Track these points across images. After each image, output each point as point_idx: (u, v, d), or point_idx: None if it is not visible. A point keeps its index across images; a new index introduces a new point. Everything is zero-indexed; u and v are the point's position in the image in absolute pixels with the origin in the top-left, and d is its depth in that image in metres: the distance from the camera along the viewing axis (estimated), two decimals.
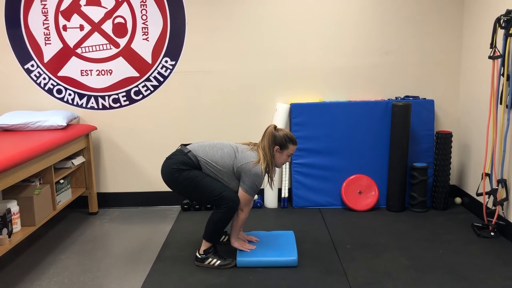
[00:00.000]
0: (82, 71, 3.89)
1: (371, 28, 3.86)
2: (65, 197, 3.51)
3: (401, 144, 3.70)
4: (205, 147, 2.82)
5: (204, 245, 2.83)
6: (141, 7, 3.80)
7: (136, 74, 3.91)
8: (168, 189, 4.01)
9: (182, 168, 2.72)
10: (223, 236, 3.19)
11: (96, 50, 3.86)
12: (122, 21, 3.82)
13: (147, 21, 3.82)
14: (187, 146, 2.85)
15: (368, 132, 3.85)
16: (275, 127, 2.84)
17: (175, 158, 2.77)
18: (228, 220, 2.78)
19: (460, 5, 3.81)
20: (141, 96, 3.94)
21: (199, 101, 3.95)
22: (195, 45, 3.87)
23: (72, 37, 3.84)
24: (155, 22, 3.82)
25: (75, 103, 3.95)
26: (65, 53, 3.86)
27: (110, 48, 3.86)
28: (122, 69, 3.89)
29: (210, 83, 3.93)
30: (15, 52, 3.85)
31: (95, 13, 3.80)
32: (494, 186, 3.19)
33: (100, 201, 4.01)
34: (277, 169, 3.10)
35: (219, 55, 3.90)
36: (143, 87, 3.93)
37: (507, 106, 3.08)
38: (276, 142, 2.79)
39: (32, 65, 3.88)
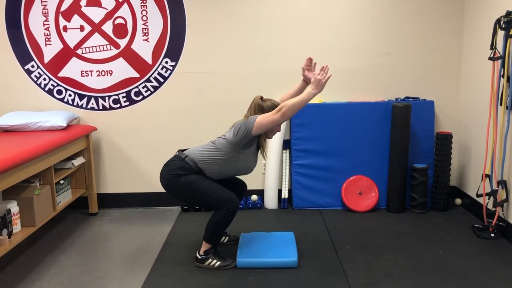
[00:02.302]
0: (83, 72, 3.89)
1: (371, 29, 3.86)
2: (65, 198, 3.51)
3: (401, 145, 3.70)
4: (199, 148, 2.83)
5: (204, 246, 2.83)
6: (141, 8, 3.80)
7: (136, 75, 3.91)
8: None
9: (180, 174, 2.72)
10: (223, 237, 3.19)
11: (97, 51, 3.87)
12: (123, 21, 3.83)
13: (147, 22, 3.82)
14: (184, 152, 2.85)
15: (368, 133, 3.86)
16: (261, 97, 2.81)
17: (173, 164, 2.76)
18: (228, 222, 2.78)
19: (460, 6, 3.82)
20: (141, 96, 3.94)
21: (199, 102, 3.95)
22: (195, 46, 3.87)
23: (72, 37, 3.84)
24: (156, 23, 3.82)
25: (75, 103, 3.95)
26: (66, 54, 3.86)
27: (111, 49, 3.86)
28: (123, 69, 3.89)
29: (210, 83, 3.93)
30: (15, 52, 3.86)
31: (96, 13, 3.81)
32: (494, 187, 3.19)
33: (100, 201, 4.01)
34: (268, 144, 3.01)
35: (219, 55, 3.90)
36: (143, 87, 3.93)
37: (507, 107, 3.08)
38: (263, 112, 2.75)
39: (33, 66, 3.88)
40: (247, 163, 2.80)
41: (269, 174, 3.91)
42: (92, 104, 3.95)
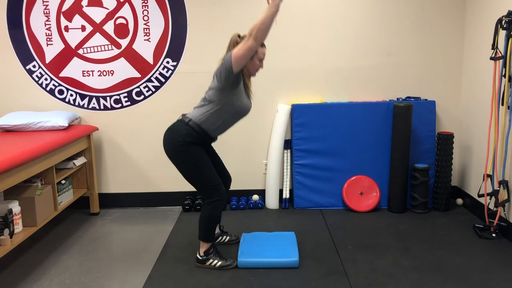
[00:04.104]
0: (84, 72, 3.90)
1: (372, 29, 3.86)
2: (67, 198, 3.52)
3: (403, 145, 3.70)
4: (196, 108, 2.74)
5: (203, 246, 2.82)
6: (142, 8, 3.80)
7: (138, 75, 3.91)
8: (169, 190, 4.06)
9: (187, 142, 2.64)
10: (224, 237, 3.19)
11: (98, 51, 3.87)
12: (124, 21, 3.83)
13: (148, 22, 3.82)
14: (187, 115, 2.75)
15: (370, 133, 3.85)
16: (239, 35, 2.70)
17: (179, 130, 2.67)
18: (218, 214, 2.77)
19: (462, 6, 3.81)
20: (142, 96, 3.95)
21: None
22: (196, 46, 3.87)
23: (73, 37, 3.85)
24: (157, 23, 3.83)
25: (76, 103, 3.96)
26: (67, 54, 3.87)
27: (112, 49, 3.87)
28: (124, 69, 3.89)
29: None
30: (17, 52, 3.86)
31: (97, 13, 3.81)
32: (496, 187, 3.19)
33: (102, 201, 4.01)
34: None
35: (220, 55, 3.87)
36: (144, 87, 3.93)
37: (508, 107, 3.08)
38: None
39: (34, 66, 3.88)
40: (242, 102, 2.72)
41: (270, 174, 3.91)
42: (94, 104, 3.96)
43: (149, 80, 3.92)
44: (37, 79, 3.91)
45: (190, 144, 2.67)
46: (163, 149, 3.93)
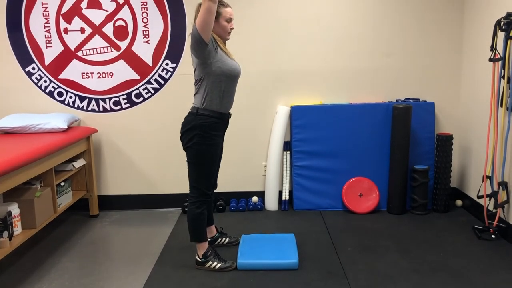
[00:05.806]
0: (83, 74, 3.90)
1: (371, 31, 3.86)
2: (66, 200, 3.51)
3: (402, 147, 3.70)
4: (195, 94, 2.76)
5: (199, 249, 2.82)
6: (142, 10, 3.80)
7: (137, 77, 3.91)
8: (169, 192, 4.06)
9: (204, 132, 2.64)
10: (224, 239, 3.19)
11: (97, 53, 3.87)
12: (123, 24, 3.83)
13: (148, 24, 3.83)
14: (193, 105, 2.75)
15: (369, 135, 3.86)
16: (200, 4, 2.59)
17: (194, 123, 2.65)
18: (202, 213, 2.76)
19: (461, 7, 3.82)
20: (142, 98, 3.95)
21: None
22: None
23: (73, 40, 3.85)
24: (156, 25, 3.83)
25: (76, 105, 3.95)
26: (66, 56, 3.87)
27: (111, 51, 3.87)
28: (123, 71, 3.89)
29: None
30: (16, 55, 3.86)
31: (96, 16, 3.81)
32: (495, 189, 3.19)
33: (101, 203, 4.01)
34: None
35: None
36: (143, 89, 3.93)
37: (507, 109, 3.08)
38: None
39: (33, 68, 3.88)
40: (228, 65, 2.68)
41: (270, 176, 3.91)
42: (93, 106, 3.96)
43: (149, 82, 3.92)
44: (36, 81, 3.91)
45: (208, 136, 2.66)
46: (162, 150, 3.96)
